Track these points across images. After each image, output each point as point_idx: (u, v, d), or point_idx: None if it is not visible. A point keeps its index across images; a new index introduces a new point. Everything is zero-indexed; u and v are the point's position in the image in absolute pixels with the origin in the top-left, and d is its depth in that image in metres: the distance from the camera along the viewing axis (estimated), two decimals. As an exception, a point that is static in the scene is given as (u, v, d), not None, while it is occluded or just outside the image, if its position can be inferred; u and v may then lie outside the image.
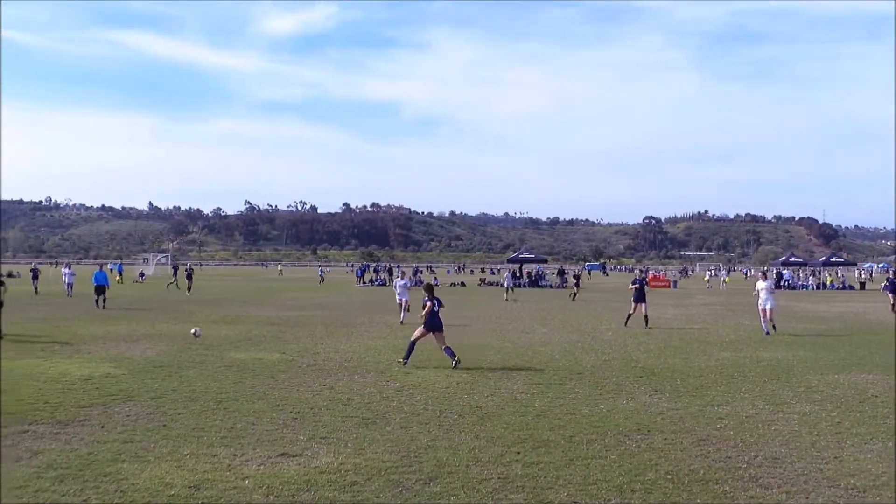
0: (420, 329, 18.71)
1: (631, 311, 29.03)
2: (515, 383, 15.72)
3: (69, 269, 48.82)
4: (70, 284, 45.64)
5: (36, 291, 46.82)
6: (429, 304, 18.90)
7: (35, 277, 49.80)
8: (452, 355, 18.04)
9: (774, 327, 26.19)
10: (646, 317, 28.58)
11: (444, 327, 18.96)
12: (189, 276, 53.13)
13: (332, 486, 8.57)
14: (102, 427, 11.31)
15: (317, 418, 12.14)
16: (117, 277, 69.66)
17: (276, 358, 19.11)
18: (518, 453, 10.06)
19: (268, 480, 8.71)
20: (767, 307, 26.08)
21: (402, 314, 30.34)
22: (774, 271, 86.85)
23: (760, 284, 26.81)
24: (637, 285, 29.57)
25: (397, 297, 31.53)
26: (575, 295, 49.56)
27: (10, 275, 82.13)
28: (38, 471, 8.98)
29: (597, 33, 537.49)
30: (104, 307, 34.41)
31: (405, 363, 18.04)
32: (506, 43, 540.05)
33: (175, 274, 53.24)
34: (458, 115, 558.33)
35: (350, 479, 8.82)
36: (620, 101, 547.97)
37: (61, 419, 11.81)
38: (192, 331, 21.20)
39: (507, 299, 46.95)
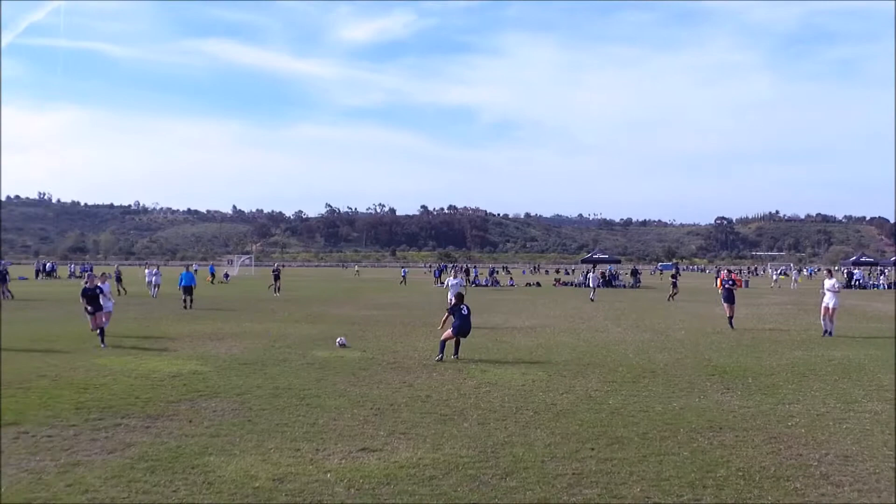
0: (448, 332, 18.88)
1: (729, 314, 28.14)
2: (590, 381, 15.67)
3: (155, 270, 49.61)
4: (157, 285, 46.17)
5: (118, 293, 47.53)
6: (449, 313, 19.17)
7: (118, 280, 50.68)
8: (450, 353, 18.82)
9: (832, 332, 24.83)
10: (730, 318, 27.93)
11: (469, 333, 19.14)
12: (276, 276, 53.23)
13: (411, 480, 8.65)
14: (190, 422, 11.58)
15: (396, 414, 12.24)
16: (209, 278, 71.34)
17: (357, 356, 19.28)
18: (592, 449, 10.06)
19: (349, 474, 8.84)
20: (831, 305, 25.01)
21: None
22: (845, 271, 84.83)
23: (827, 283, 25.82)
24: (728, 285, 28.87)
25: (449, 296, 28.71)
26: (672, 296, 47.95)
27: (102, 275, 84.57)
28: (131, 461, 9.26)
29: (672, 36, 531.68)
30: (191, 307, 35.06)
31: (441, 359, 18.43)
32: (581, 47, 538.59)
33: (277, 278, 52.37)
34: (534, 118, 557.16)
35: (428, 473, 8.90)
36: (694, 103, 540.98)
37: (151, 414, 12.12)
38: (338, 340, 20.84)
39: (592, 298, 46.11)
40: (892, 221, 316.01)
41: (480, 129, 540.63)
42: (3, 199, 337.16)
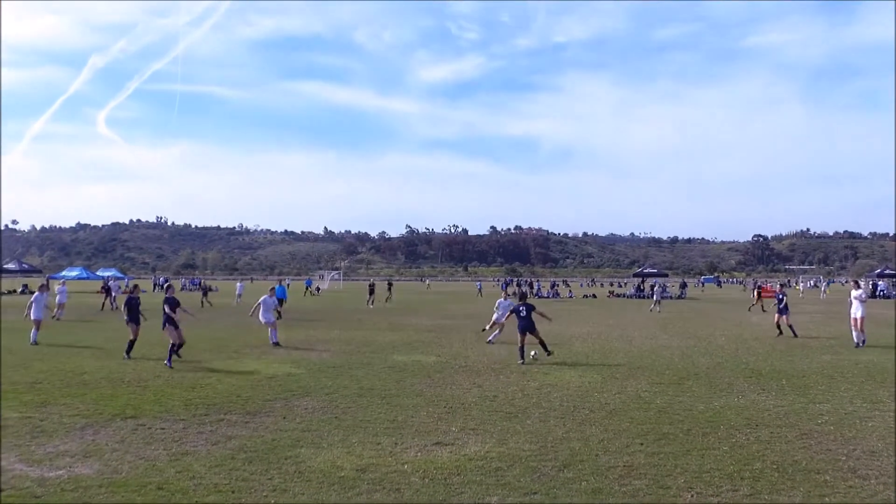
0: (519, 336, 19.57)
1: (783, 323, 27.27)
2: (640, 383, 15.53)
3: (240, 283, 50.80)
4: (239, 295, 48.34)
5: (202, 305, 46.90)
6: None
7: (205, 293, 50.88)
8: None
9: (864, 342, 23.10)
10: (777, 325, 27.18)
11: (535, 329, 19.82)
12: (371, 290, 52.31)
13: (479, 471, 8.65)
14: (284, 418, 11.72)
15: (467, 412, 12.24)
16: (305, 291, 72.71)
17: (433, 360, 19.33)
18: (641, 444, 9.98)
19: (424, 465, 8.86)
20: (858, 315, 23.37)
21: (493, 333, 24.30)
22: (870, 282, 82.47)
23: (854, 293, 24.09)
24: (782, 297, 28.00)
25: (495, 316, 24.66)
26: (753, 307, 45.19)
27: (210, 289, 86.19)
28: (231, 453, 9.41)
29: (714, 73, 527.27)
30: (280, 318, 34.48)
31: (523, 362, 18.70)
32: (632, 84, 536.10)
33: (371, 292, 51.66)
34: (589, 147, 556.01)
35: (495, 465, 8.88)
36: (735, 132, 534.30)
37: (250, 410, 12.31)
38: (531, 354, 20.44)
39: (651, 310, 44.73)
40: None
41: (542, 156, 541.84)
42: (123, 222, 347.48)
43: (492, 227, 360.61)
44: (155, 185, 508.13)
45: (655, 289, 48.72)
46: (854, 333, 23.48)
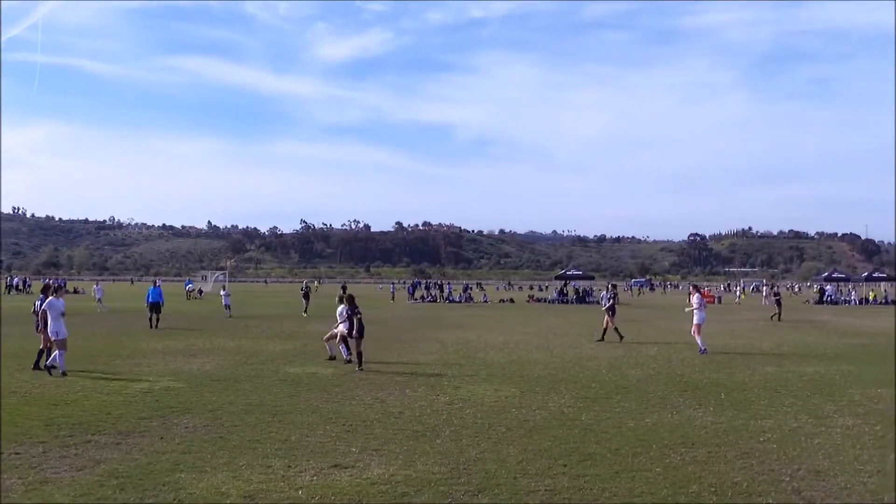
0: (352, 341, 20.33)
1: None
2: (563, 397, 15.65)
3: (97, 286, 50.78)
4: (99, 300, 48.38)
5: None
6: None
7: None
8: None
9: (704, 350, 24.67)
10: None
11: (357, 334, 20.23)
12: (306, 295, 49.80)
13: (383, 496, 8.57)
14: (161, 438, 11.44)
15: (368, 431, 12.16)
16: (189, 295, 71.85)
17: (330, 372, 19.17)
18: (565, 466, 10.02)
19: (321, 491, 8.74)
20: (695, 322, 25.45)
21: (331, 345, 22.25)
22: (817, 286, 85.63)
23: (693, 300, 26.27)
24: (611, 297, 30.04)
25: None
26: (778, 315, 44.10)
27: (74, 291, 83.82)
28: (100, 479, 9.11)
29: (649, 55, 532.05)
30: (156, 326, 33.05)
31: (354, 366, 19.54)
32: (558, 66, 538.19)
33: (307, 298, 49.08)
34: (511, 136, 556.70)
35: (401, 490, 8.82)
36: (670, 122, 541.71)
37: (122, 430, 11.97)
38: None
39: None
40: (862, 238, 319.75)
41: (457, 146, 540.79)
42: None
43: (397, 224, 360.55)
44: (11, 170, 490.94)
45: (603, 293, 48.81)
46: (698, 339, 25.05)
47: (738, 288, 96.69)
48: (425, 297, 73.13)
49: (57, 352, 18.06)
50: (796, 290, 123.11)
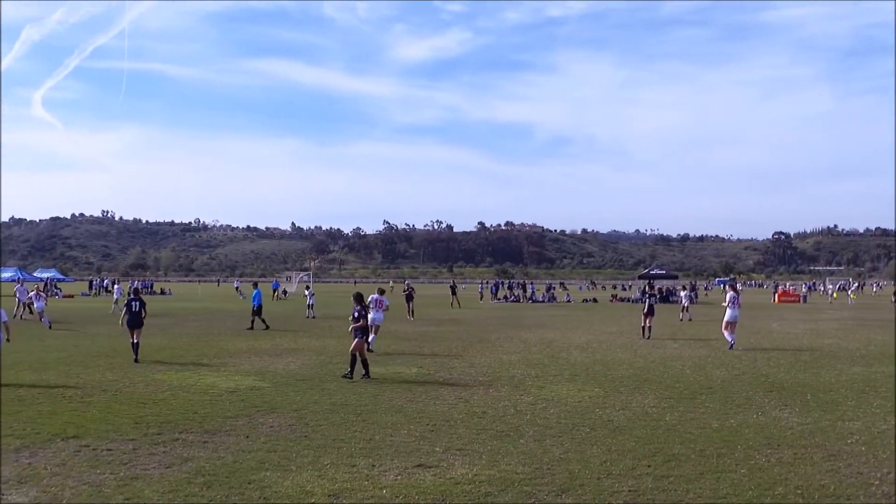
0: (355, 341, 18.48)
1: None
2: (647, 398, 15.57)
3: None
4: (116, 301, 47.82)
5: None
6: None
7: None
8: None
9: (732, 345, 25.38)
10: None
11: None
12: (409, 297, 46.15)
13: (466, 496, 8.63)
14: (247, 437, 11.69)
15: (452, 431, 12.24)
16: (273, 294, 72.89)
17: (414, 372, 19.33)
18: (649, 466, 9.98)
19: (404, 490, 8.84)
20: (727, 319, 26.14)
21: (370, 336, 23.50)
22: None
23: (728, 295, 26.90)
24: (652, 297, 30.49)
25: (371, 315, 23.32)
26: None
27: (161, 292, 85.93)
28: (188, 476, 9.36)
29: (726, 51, 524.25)
30: (252, 327, 33.51)
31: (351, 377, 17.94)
32: (635, 64, 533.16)
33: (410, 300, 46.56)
34: (588, 134, 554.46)
35: (484, 490, 8.87)
36: (751, 118, 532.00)
37: (209, 429, 12.26)
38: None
39: (681, 319, 41.77)
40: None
41: (535, 145, 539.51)
42: (63, 217, 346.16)
43: (480, 224, 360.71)
44: (100, 174, 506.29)
45: (683, 293, 48.25)
46: (727, 335, 25.77)
47: (831, 287, 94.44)
48: (508, 297, 73.03)
49: None
50: (880, 287, 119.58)
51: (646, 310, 30.27)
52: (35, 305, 37.81)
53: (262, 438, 11.60)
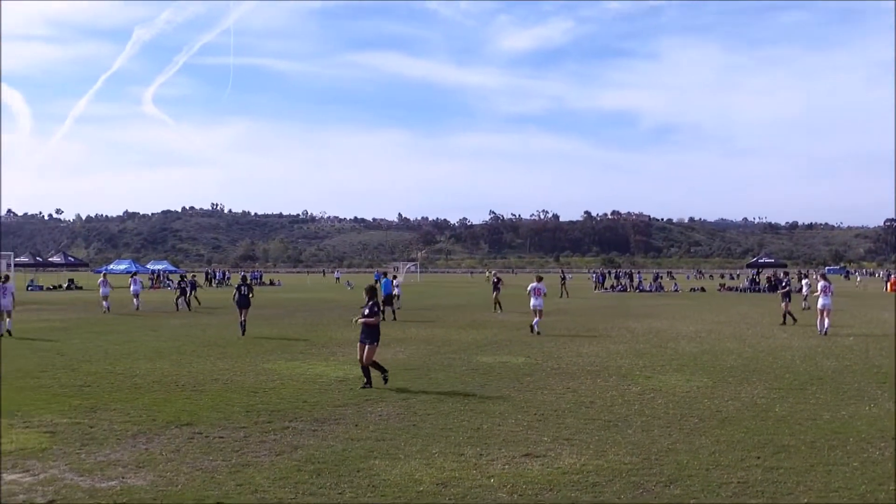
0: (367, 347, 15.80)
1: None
2: (756, 388, 15.34)
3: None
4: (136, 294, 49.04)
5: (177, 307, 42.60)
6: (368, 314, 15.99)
7: (193, 288, 46.52)
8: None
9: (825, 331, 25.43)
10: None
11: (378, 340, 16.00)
12: (496, 286, 42.95)
13: (574, 486, 8.62)
14: (356, 425, 11.87)
15: (560, 420, 12.22)
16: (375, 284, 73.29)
17: (521, 361, 19.35)
18: (758, 458, 9.84)
19: (512, 479, 8.87)
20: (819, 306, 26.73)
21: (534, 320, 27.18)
22: None
23: (820, 284, 26.60)
24: (786, 283, 30.11)
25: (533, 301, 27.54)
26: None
27: (271, 283, 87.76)
28: (298, 464, 9.56)
29: (833, 35, 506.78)
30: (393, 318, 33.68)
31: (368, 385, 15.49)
32: (739, 49, 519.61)
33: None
34: (695, 121, 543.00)
35: (592, 479, 8.84)
36: (859, 102, 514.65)
37: (318, 417, 12.50)
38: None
39: (804, 308, 39.49)
40: None
41: (641, 133, 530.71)
42: (174, 210, 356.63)
43: (586, 213, 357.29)
44: (209, 168, 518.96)
45: (805, 281, 46.93)
46: (818, 321, 26.43)
47: None
48: (615, 287, 72.46)
49: None
50: None
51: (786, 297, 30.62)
52: (131, 290, 41.96)
53: (371, 427, 11.76)
